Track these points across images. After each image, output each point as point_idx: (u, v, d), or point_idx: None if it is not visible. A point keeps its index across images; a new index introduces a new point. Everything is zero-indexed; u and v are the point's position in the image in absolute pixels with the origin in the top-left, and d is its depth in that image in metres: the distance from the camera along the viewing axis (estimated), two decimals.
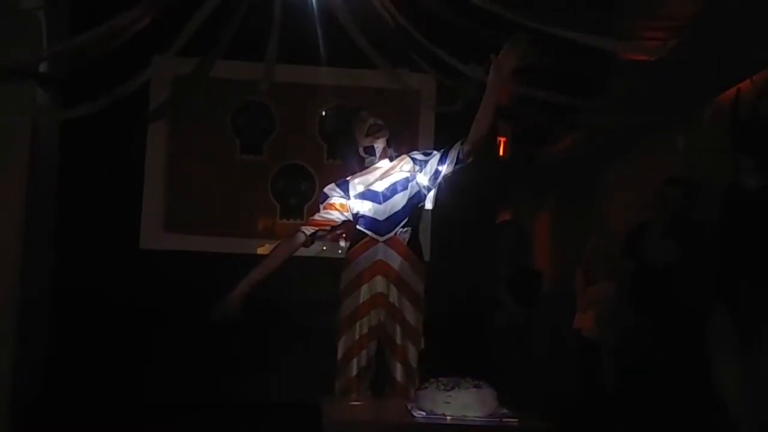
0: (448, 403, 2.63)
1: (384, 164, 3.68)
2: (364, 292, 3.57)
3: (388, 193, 3.60)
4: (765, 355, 3.77)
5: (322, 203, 3.69)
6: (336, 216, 3.65)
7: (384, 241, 3.57)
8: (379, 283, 3.56)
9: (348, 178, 3.70)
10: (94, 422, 4.86)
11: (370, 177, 3.66)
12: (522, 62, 3.41)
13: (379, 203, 3.60)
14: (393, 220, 3.58)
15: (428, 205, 3.70)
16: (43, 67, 4.49)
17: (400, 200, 3.59)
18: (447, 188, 3.68)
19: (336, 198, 3.65)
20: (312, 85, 5.76)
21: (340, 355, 3.53)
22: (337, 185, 3.69)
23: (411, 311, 3.56)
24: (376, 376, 3.58)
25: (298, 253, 3.65)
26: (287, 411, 3.60)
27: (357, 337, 3.54)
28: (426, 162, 3.62)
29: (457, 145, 3.52)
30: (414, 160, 3.66)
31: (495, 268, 6.00)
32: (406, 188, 3.61)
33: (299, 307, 5.62)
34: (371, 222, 3.60)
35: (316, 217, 3.68)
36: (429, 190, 3.65)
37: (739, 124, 4.07)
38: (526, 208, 9.09)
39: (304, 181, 5.87)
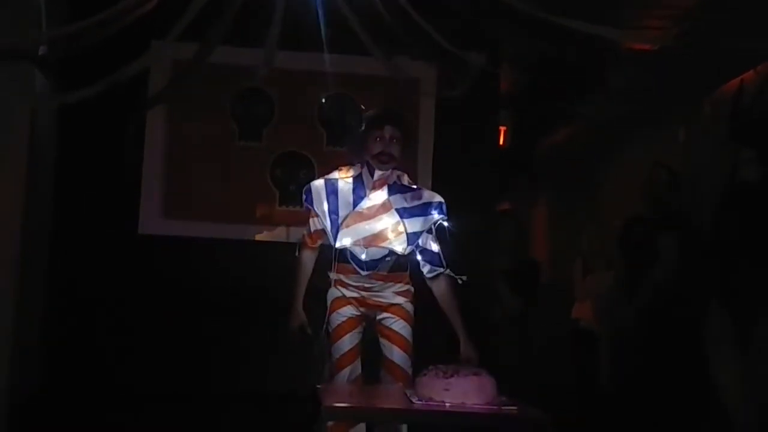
0: (447, 390, 2.64)
1: (378, 199, 3.49)
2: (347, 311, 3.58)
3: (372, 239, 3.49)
4: (763, 351, 3.77)
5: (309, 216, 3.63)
6: (324, 224, 3.59)
7: (366, 275, 3.52)
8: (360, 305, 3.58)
9: (329, 217, 3.52)
10: (93, 411, 4.86)
11: (361, 224, 3.47)
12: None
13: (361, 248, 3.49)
14: (372, 264, 3.51)
15: None
16: (42, 51, 4.46)
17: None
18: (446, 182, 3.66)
19: (312, 215, 3.59)
20: (311, 71, 5.73)
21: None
22: (312, 210, 3.56)
23: (399, 299, 3.58)
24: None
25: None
26: (288, 400, 3.59)
27: (338, 324, 3.58)
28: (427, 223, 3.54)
29: (438, 270, 3.60)
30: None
31: (492, 259, 5.98)
32: (402, 217, 3.50)
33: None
34: (352, 254, 3.51)
35: (308, 234, 3.65)
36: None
37: (741, 115, 4.06)
38: (525, 198, 9.08)
39: (304, 168, 5.83)
